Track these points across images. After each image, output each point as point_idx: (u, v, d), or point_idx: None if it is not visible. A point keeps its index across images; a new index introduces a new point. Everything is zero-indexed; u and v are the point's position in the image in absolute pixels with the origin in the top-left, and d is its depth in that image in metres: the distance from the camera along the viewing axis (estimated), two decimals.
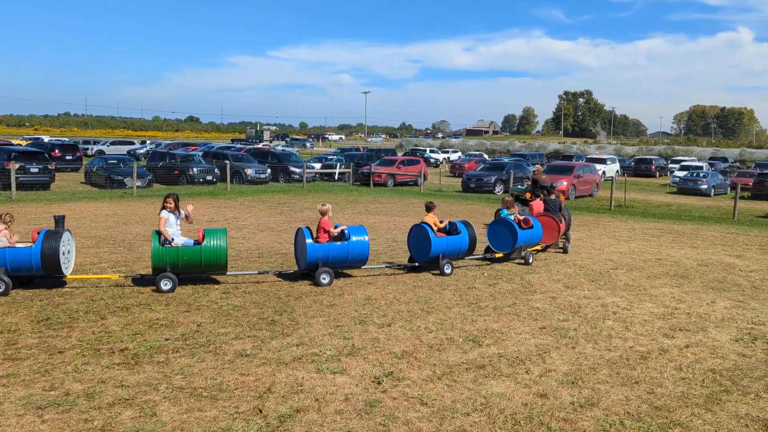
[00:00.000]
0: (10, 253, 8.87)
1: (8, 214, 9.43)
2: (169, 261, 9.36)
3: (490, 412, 5.54)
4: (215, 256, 9.56)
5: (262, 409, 5.44)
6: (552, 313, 8.83)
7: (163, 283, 9.26)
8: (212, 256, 9.55)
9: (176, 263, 9.40)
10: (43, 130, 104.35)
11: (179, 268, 9.47)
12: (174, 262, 9.38)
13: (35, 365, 6.27)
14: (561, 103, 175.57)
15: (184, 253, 9.44)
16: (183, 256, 9.44)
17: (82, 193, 23.56)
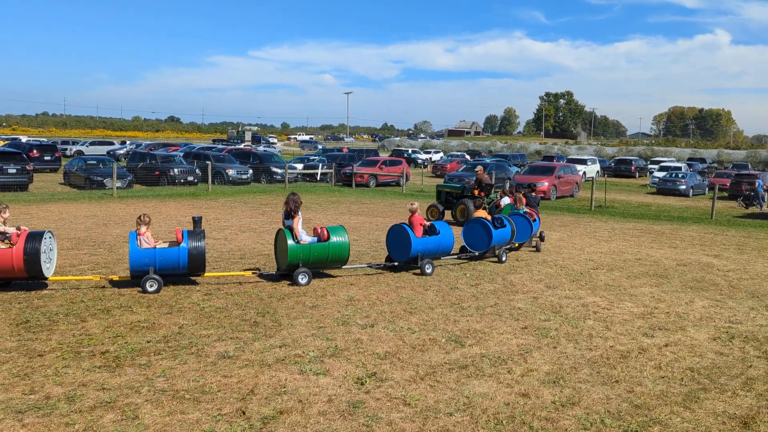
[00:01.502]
0: (160, 254, 9.33)
1: (146, 215, 9.75)
2: (303, 257, 10.07)
3: (473, 411, 5.58)
4: (340, 251, 10.37)
5: (246, 411, 5.43)
6: (534, 313, 8.91)
7: (300, 277, 10.00)
8: (337, 252, 10.37)
9: (308, 259, 10.13)
10: (21, 130, 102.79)
11: (309, 263, 10.16)
12: (306, 258, 10.12)
13: (14, 369, 6.19)
14: (542, 104, 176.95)
15: (314, 249, 10.21)
16: (314, 253, 10.20)
17: (61, 194, 23.27)
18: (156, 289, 9.27)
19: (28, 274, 8.94)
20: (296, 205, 10.31)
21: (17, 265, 8.75)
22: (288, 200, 10.37)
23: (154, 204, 21.07)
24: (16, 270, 8.82)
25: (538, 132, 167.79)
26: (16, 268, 8.78)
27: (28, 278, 9.11)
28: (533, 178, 28.26)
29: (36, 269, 8.89)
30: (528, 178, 28.49)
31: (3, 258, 8.72)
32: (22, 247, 8.78)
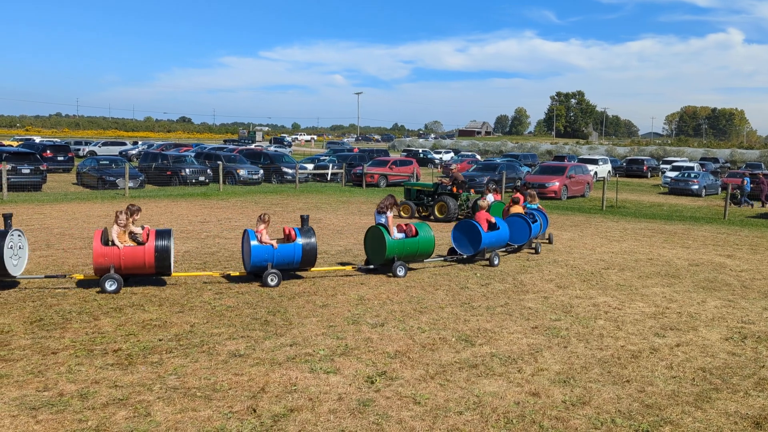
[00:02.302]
0: (278, 250, 9.95)
1: (266, 214, 10.32)
2: (398, 252, 10.86)
3: (483, 410, 5.58)
4: (427, 245, 11.25)
5: (256, 409, 5.46)
6: (544, 313, 8.89)
7: (399, 269, 10.80)
8: (426, 246, 11.24)
9: (402, 253, 10.90)
10: (34, 130, 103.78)
11: (402, 257, 10.93)
12: (400, 253, 10.89)
13: (28, 366, 6.26)
14: (553, 104, 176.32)
15: (407, 244, 11.01)
16: (407, 247, 10.98)
17: (74, 194, 23.47)
18: (276, 283, 9.85)
19: (156, 270, 9.46)
20: (390, 203, 11.30)
21: (149, 261, 9.27)
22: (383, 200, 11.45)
23: (165, 204, 21.20)
24: (147, 266, 9.34)
25: (549, 132, 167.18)
26: (147, 264, 9.31)
27: (154, 274, 9.60)
28: (544, 178, 28.18)
29: (165, 265, 9.41)
30: (539, 178, 28.41)
31: (135, 255, 9.23)
32: (153, 244, 9.28)
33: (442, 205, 18.79)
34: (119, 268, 9.24)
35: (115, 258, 9.20)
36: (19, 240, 9.30)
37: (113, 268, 9.18)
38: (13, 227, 9.14)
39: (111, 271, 9.16)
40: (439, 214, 18.76)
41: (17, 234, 9.23)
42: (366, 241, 11.29)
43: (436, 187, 19.42)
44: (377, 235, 10.97)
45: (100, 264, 9.17)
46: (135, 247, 9.33)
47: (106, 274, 9.14)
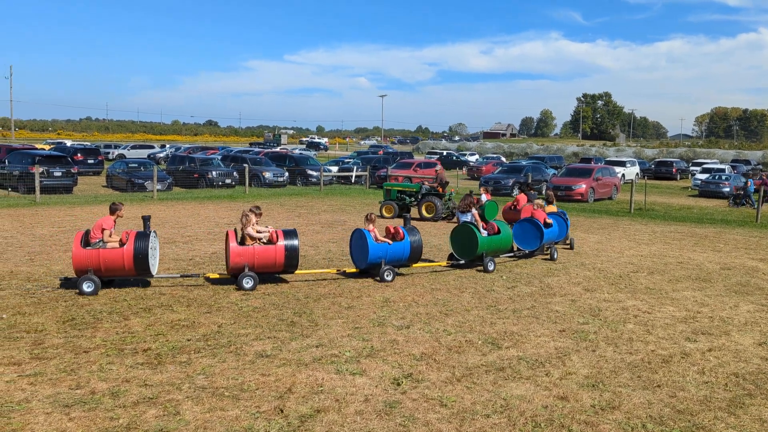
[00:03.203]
0: (391, 248, 10.64)
1: (373, 213, 11.13)
2: (486, 247, 11.70)
3: (510, 414, 5.54)
4: (508, 242, 12.39)
5: (283, 409, 5.49)
6: (572, 316, 8.80)
7: (489, 264, 11.62)
8: (506, 242, 12.36)
9: (489, 249, 11.81)
10: (65, 134, 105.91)
11: (489, 252, 11.80)
12: (488, 248, 11.77)
13: (61, 364, 6.38)
14: (579, 106, 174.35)
15: (494, 241, 11.94)
16: (493, 243, 11.92)
17: (104, 196, 23.88)
18: (392, 279, 10.49)
19: (284, 268, 9.98)
20: (470, 202, 12.33)
21: (279, 260, 9.81)
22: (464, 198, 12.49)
23: (192, 206, 21.46)
24: (277, 264, 9.89)
25: (575, 134, 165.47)
26: (278, 262, 9.85)
27: (283, 272, 10.10)
28: (570, 181, 27.90)
29: (293, 264, 9.97)
30: (565, 181, 28.14)
31: (267, 254, 9.76)
32: (284, 244, 9.82)
33: (429, 204, 19.37)
34: (253, 267, 9.72)
35: (250, 257, 9.70)
36: (154, 241, 9.77)
37: (247, 267, 9.68)
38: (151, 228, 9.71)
39: (246, 269, 9.65)
40: (427, 214, 19.33)
41: (153, 234, 9.68)
42: (453, 238, 12.00)
43: (419, 188, 19.89)
44: (467, 233, 11.75)
45: (237, 263, 9.65)
46: (267, 247, 9.83)
47: (243, 272, 9.64)
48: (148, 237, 9.46)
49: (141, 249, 9.29)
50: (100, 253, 9.19)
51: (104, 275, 9.33)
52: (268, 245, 9.88)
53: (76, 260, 9.13)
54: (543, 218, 13.28)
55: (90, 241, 9.38)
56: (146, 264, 9.32)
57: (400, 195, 19.99)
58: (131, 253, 9.25)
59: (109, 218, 9.67)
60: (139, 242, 9.35)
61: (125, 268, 9.32)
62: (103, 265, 9.20)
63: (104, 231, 9.45)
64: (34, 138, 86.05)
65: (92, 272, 9.15)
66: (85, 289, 9.08)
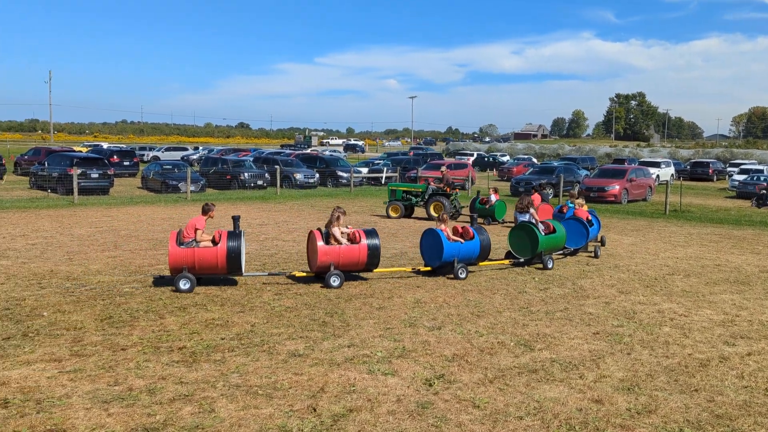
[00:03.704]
0: (464, 246, 11.05)
1: (444, 213, 12.16)
2: (545, 246, 12.17)
3: (544, 416, 5.49)
4: (562, 240, 12.93)
5: (316, 408, 5.53)
6: (606, 319, 8.68)
7: (548, 261, 12.12)
8: (561, 241, 12.93)
9: (547, 247, 12.31)
10: (102, 137, 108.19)
11: (547, 250, 12.30)
12: (546, 247, 12.26)
13: (100, 361, 6.53)
14: (612, 106, 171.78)
15: (551, 239, 12.48)
16: (551, 242, 12.45)
17: (139, 197, 24.34)
18: (465, 276, 10.86)
19: (366, 267, 10.37)
20: (529, 202, 13.22)
21: (362, 259, 10.19)
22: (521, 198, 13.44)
23: (225, 207, 21.74)
24: (360, 263, 10.28)
25: (608, 134, 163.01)
26: (360, 261, 10.23)
27: (363, 270, 10.47)
28: (603, 182, 27.51)
29: (375, 262, 10.34)
30: (598, 182, 27.76)
31: (351, 253, 10.14)
32: (367, 243, 10.23)
33: (438, 204, 19.59)
34: (338, 265, 10.06)
35: (336, 256, 10.05)
36: (243, 240, 10.10)
37: (333, 266, 10.01)
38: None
39: (331, 268, 9.98)
40: (435, 214, 19.43)
41: (242, 234, 10.04)
42: (512, 237, 12.40)
43: (425, 188, 20.12)
44: (527, 232, 12.15)
45: (324, 262, 10.01)
46: (352, 246, 10.21)
47: (330, 271, 9.97)
48: (240, 236, 9.80)
49: (234, 248, 9.63)
50: (195, 251, 9.55)
51: (198, 273, 9.65)
52: (351, 244, 10.23)
53: (172, 259, 9.47)
54: (586, 217, 13.87)
55: (183, 240, 9.69)
56: (239, 262, 9.67)
57: (406, 195, 20.31)
58: (224, 251, 9.59)
59: (201, 218, 10.00)
60: (232, 241, 9.69)
61: (218, 267, 9.66)
62: (197, 263, 9.56)
63: (197, 231, 9.78)
64: (72, 141, 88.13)
65: (186, 270, 9.47)
66: (182, 286, 9.43)
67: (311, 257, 10.49)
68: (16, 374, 6.11)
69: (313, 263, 10.36)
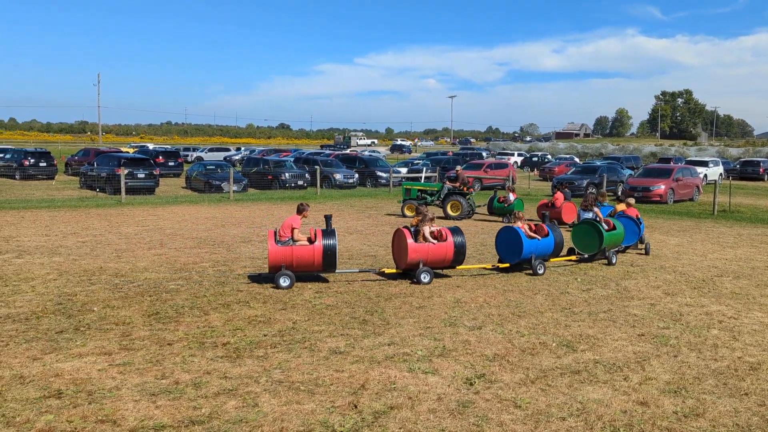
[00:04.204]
0: (540, 243, 11.48)
1: (521, 212, 12.55)
2: (608, 242, 12.49)
3: (587, 417, 5.41)
4: (621, 238, 13.10)
5: (357, 405, 5.58)
6: (651, 320, 8.49)
7: (612, 257, 12.51)
8: (620, 238, 13.06)
9: (610, 244, 12.67)
10: (147, 138, 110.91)
11: (609, 247, 12.68)
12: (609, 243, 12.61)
13: (148, 355, 6.72)
14: (658, 104, 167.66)
15: (612, 236, 12.65)
16: (613, 238, 12.69)
17: (183, 197, 24.88)
18: (543, 272, 11.24)
19: (451, 264, 10.76)
20: (593, 200, 13.70)
21: (449, 256, 10.58)
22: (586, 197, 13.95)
23: (266, 207, 22.06)
24: (447, 260, 10.65)
25: (653, 133, 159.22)
26: (447, 258, 10.60)
27: (449, 267, 10.81)
28: (648, 181, 26.89)
29: (460, 259, 10.75)
30: (642, 181, 27.15)
31: (439, 251, 10.50)
32: (454, 241, 10.56)
33: (455, 203, 19.80)
34: (426, 262, 10.39)
35: (425, 253, 10.40)
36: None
37: (422, 263, 10.34)
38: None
39: (420, 265, 10.32)
40: (453, 213, 19.73)
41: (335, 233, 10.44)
42: (575, 235, 12.65)
43: (440, 188, 20.25)
44: (591, 229, 12.43)
45: (413, 259, 10.36)
46: (440, 244, 10.52)
47: (419, 268, 10.29)
48: (335, 234, 10.16)
49: (330, 245, 9.95)
50: (293, 250, 9.87)
51: (294, 270, 9.97)
52: (439, 242, 10.52)
53: (272, 257, 9.81)
54: (636, 214, 14.10)
55: (280, 239, 9.98)
56: (334, 259, 10.06)
57: (421, 194, 20.42)
58: (321, 249, 9.93)
59: (297, 218, 10.31)
60: (328, 239, 10.02)
61: (315, 264, 10.02)
62: (295, 261, 9.91)
63: (294, 230, 10.07)
64: (120, 142, 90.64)
65: (285, 268, 9.80)
66: (282, 283, 9.76)
67: (400, 254, 10.76)
68: (68, 366, 6.33)
69: (402, 260, 10.62)
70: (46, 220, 17.11)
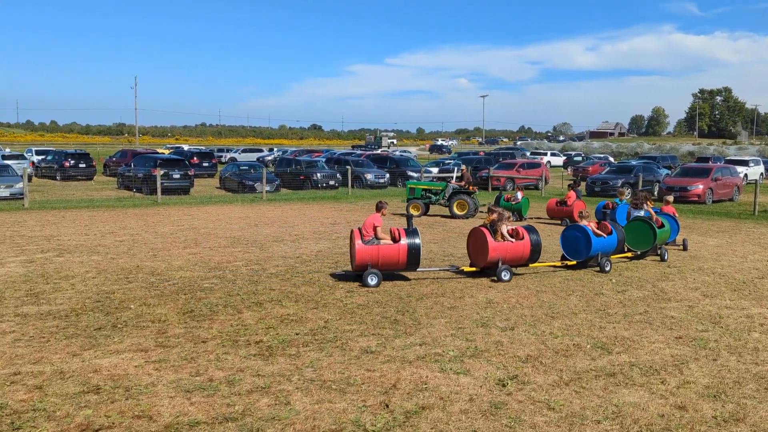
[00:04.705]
0: (605, 240, 11.87)
1: (586, 210, 12.93)
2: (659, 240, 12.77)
3: (623, 421, 5.31)
4: (669, 234, 13.52)
5: (389, 404, 5.57)
6: (689, 323, 8.30)
7: (665, 254, 12.82)
8: (668, 234, 13.49)
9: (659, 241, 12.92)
10: (182, 139, 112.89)
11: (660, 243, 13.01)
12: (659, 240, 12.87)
13: (183, 353, 6.82)
14: (695, 102, 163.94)
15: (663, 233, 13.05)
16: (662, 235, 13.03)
17: (217, 197, 25.23)
18: (609, 269, 11.51)
19: (526, 262, 11.05)
20: (644, 197, 13.89)
21: (525, 253, 10.94)
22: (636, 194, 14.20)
23: (299, 206, 22.22)
24: (522, 258, 10.94)
25: (691, 132, 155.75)
26: (523, 256, 10.95)
27: (524, 265, 11.09)
28: (686, 181, 26.33)
29: (535, 258, 11.12)
30: (680, 181, 26.59)
31: (517, 249, 10.85)
32: (530, 239, 10.95)
33: (461, 202, 19.84)
34: (505, 260, 10.71)
35: (504, 251, 10.73)
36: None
37: (501, 261, 10.64)
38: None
39: (500, 263, 10.61)
40: (459, 212, 19.76)
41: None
42: (627, 232, 12.86)
43: (445, 187, 20.30)
44: (646, 225, 12.74)
45: (493, 257, 10.65)
46: (518, 242, 10.88)
47: (499, 266, 10.59)
48: (418, 233, 10.41)
49: (415, 244, 10.21)
50: (380, 249, 10.07)
51: (379, 269, 10.14)
52: (517, 241, 10.86)
53: (359, 256, 10.02)
54: (673, 212, 14.53)
55: (364, 238, 10.15)
56: (418, 258, 10.29)
57: (425, 193, 20.43)
58: (406, 248, 10.13)
59: (377, 216, 10.50)
60: (412, 238, 10.22)
61: (399, 263, 10.23)
62: (380, 259, 10.09)
63: (377, 228, 10.24)
64: (156, 143, 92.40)
65: (370, 266, 10.00)
66: (370, 282, 9.96)
67: (478, 253, 10.92)
68: (106, 362, 6.47)
69: (481, 259, 10.76)
70: (85, 220, 17.53)
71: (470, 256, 11.27)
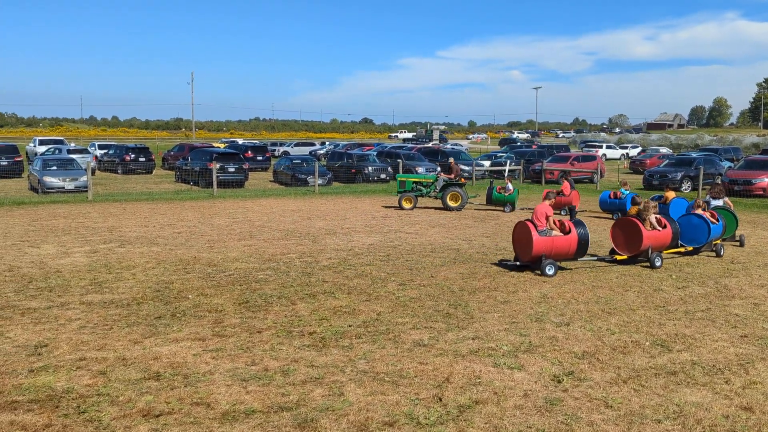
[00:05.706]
0: (715, 228, 12.33)
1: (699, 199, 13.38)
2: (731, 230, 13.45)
3: (685, 421, 5.14)
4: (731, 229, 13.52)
5: (442, 398, 5.55)
6: (755, 321, 7.96)
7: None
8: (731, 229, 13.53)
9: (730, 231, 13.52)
10: (237, 133, 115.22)
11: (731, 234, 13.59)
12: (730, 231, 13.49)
13: (238, 342, 6.97)
14: (760, 92, 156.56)
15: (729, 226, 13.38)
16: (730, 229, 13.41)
17: (271, 190, 25.64)
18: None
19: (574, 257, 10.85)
20: (721, 189, 14.46)
21: (667, 241, 11.55)
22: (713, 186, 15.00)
23: (350, 200, 22.37)
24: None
25: (755, 123, 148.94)
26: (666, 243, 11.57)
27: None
28: (750, 174, 25.23)
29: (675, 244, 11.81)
30: (744, 174, 25.51)
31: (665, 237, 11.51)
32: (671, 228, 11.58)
33: (455, 194, 19.62)
34: (654, 248, 11.22)
35: (654, 239, 11.25)
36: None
37: (651, 249, 11.14)
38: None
39: (650, 251, 11.10)
40: (453, 204, 19.53)
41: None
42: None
43: (435, 179, 20.03)
44: (730, 214, 13.41)
45: (645, 245, 11.09)
46: (664, 231, 11.42)
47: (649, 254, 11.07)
48: (585, 224, 10.82)
49: (584, 236, 10.57)
50: (554, 240, 10.38)
51: (553, 258, 10.39)
52: (662, 230, 11.37)
53: (536, 247, 10.29)
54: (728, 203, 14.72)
55: (537, 228, 10.43)
56: (586, 249, 10.64)
57: (416, 186, 20.17)
58: (576, 239, 10.43)
59: (546, 205, 10.78)
60: (581, 229, 10.54)
61: (569, 252, 10.55)
62: (554, 249, 10.37)
63: (548, 218, 10.54)
64: (212, 137, 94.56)
65: (545, 257, 10.26)
66: (548, 271, 10.24)
67: (630, 241, 11.29)
68: (166, 350, 6.67)
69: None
70: (145, 212, 18.10)
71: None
